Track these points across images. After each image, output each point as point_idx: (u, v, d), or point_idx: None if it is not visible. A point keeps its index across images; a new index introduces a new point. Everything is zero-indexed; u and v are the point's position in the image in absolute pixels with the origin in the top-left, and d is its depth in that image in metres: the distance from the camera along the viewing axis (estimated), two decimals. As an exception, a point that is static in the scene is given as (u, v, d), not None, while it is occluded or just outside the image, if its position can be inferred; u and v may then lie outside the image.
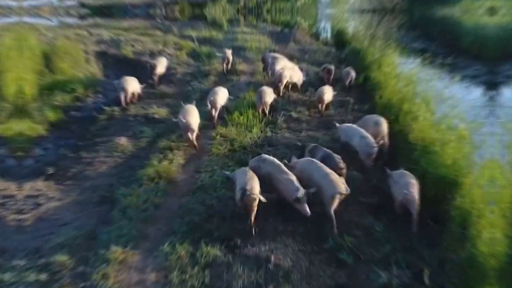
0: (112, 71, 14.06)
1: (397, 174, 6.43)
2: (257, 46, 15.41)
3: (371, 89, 11.47)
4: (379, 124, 7.96)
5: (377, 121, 8.03)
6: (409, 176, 6.32)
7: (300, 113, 9.94)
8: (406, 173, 6.43)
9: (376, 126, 7.96)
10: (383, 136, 7.92)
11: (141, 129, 9.06)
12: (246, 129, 8.85)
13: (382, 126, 7.96)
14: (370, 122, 8.21)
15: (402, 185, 6.08)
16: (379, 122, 8.00)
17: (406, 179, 6.21)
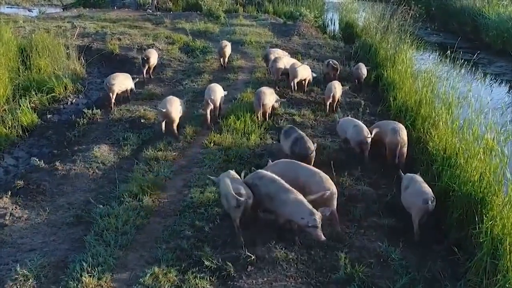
0: (96, 68, 13.68)
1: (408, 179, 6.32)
2: (257, 40, 14.96)
3: (384, 89, 11.06)
4: (397, 132, 7.53)
5: (395, 128, 7.60)
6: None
7: (304, 117, 9.52)
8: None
9: (394, 135, 7.53)
10: (403, 146, 7.49)
11: (125, 136, 8.65)
12: (244, 136, 8.44)
13: (401, 135, 7.53)
14: (386, 130, 7.79)
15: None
16: (398, 129, 7.57)
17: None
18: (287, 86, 11.20)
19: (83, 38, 15.41)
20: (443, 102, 8.49)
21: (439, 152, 7.29)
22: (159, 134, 8.86)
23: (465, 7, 19.03)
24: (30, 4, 24.53)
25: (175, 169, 7.46)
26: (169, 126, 8.52)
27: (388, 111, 9.94)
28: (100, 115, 9.62)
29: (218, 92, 9.08)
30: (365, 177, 7.34)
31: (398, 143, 7.53)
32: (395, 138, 7.54)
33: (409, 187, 6.05)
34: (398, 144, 7.52)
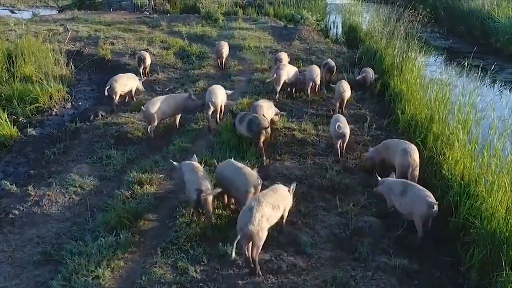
0: (86, 75, 12.88)
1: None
2: (256, 45, 14.10)
3: (391, 100, 10.21)
4: (408, 153, 6.68)
5: (406, 149, 6.76)
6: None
7: (305, 132, 8.67)
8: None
9: (404, 156, 6.68)
10: (414, 168, 6.64)
11: (108, 154, 7.84)
12: (238, 155, 7.60)
13: (413, 156, 6.68)
14: (396, 150, 6.94)
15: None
16: (409, 150, 6.72)
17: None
18: (287, 96, 10.41)
19: (75, 43, 14.61)
20: (458, 118, 7.61)
21: (455, 178, 6.44)
22: (146, 150, 8.08)
23: (473, 10, 18.11)
24: (26, 6, 23.74)
25: (160, 194, 6.64)
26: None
27: (396, 125, 9.09)
28: (85, 129, 8.80)
29: (219, 94, 8.65)
30: (372, 204, 6.51)
31: (410, 165, 6.68)
32: (406, 160, 6.69)
33: (408, 193, 5.75)
34: (409, 167, 6.68)
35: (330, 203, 6.49)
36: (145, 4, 21.18)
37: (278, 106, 9.67)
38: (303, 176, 7.09)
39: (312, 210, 6.34)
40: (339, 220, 6.09)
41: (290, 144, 8.21)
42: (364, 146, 8.21)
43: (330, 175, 7.02)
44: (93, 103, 11.02)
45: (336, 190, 6.73)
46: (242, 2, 21.47)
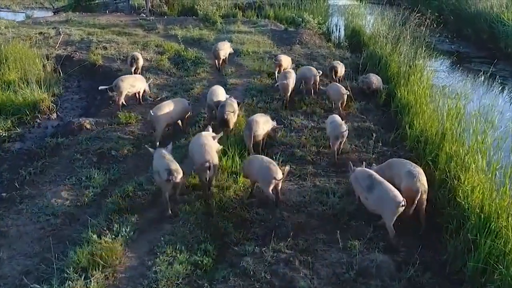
0: (76, 82, 12.13)
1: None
2: (254, 50, 13.30)
3: (397, 112, 9.41)
4: (415, 177, 5.94)
5: (412, 172, 6.01)
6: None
7: (305, 149, 7.90)
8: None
9: (411, 180, 5.92)
10: (423, 193, 5.88)
11: (89, 174, 7.08)
12: (230, 176, 6.85)
13: (421, 180, 5.92)
14: (401, 172, 6.18)
15: None
16: (416, 174, 5.97)
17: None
18: (286, 107, 9.63)
19: (66, 47, 13.84)
20: (475, 137, 6.80)
21: (473, 208, 5.66)
22: (131, 170, 7.33)
23: (481, 12, 17.23)
24: (21, 7, 22.96)
25: (141, 225, 5.87)
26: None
27: (403, 141, 8.30)
28: (66, 145, 8.05)
29: (220, 96, 8.47)
30: (379, 237, 5.73)
31: (419, 190, 5.91)
32: (413, 184, 5.92)
33: (375, 189, 5.69)
34: (418, 192, 5.91)
35: (331, 235, 5.71)
36: (143, 5, 20.40)
37: (276, 119, 8.94)
38: (302, 202, 6.32)
39: (312, 244, 5.58)
40: (342, 257, 5.33)
41: (288, 163, 7.40)
42: (369, 166, 7.41)
43: (331, 202, 6.24)
44: (80, 113, 10.28)
45: (338, 220, 5.96)
46: (242, 4, 20.66)
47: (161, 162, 6.09)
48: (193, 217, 5.88)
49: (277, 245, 5.46)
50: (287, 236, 5.62)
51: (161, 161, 6.12)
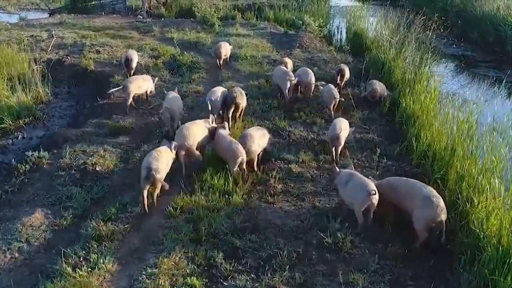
0: (66, 88, 11.57)
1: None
2: (253, 55, 12.69)
3: (402, 122, 8.81)
4: (433, 203, 5.36)
5: (429, 197, 5.45)
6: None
7: (303, 164, 7.31)
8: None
9: (428, 207, 5.36)
10: (440, 223, 5.32)
11: (70, 193, 6.49)
12: (222, 197, 6.26)
13: (440, 207, 5.35)
14: (414, 196, 5.61)
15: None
16: (433, 199, 5.40)
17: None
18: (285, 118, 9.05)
19: (58, 50, 13.26)
20: (489, 156, 6.18)
21: (488, 238, 5.06)
22: (116, 187, 6.75)
23: (486, 14, 16.58)
24: (17, 8, 22.38)
25: (122, 254, 5.29)
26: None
27: (409, 155, 7.70)
28: (48, 160, 7.46)
29: (220, 95, 8.29)
30: (385, 270, 5.13)
31: (442, 222, 5.35)
32: (431, 212, 5.33)
33: (349, 182, 5.74)
34: (442, 224, 5.36)
35: (332, 267, 5.14)
36: (140, 7, 19.78)
37: (274, 130, 8.36)
38: (300, 228, 5.72)
39: (310, 278, 4.99)
40: (344, 294, 4.74)
41: (285, 180, 6.84)
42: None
43: (332, 228, 5.64)
44: (68, 121, 9.71)
45: (340, 249, 5.36)
46: (241, 5, 20.05)
47: (146, 159, 6.17)
48: (179, 246, 5.29)
49: (271, 279, 4.88)
50: (282, 268, 5.03)
51: (146, 158, 6.20)
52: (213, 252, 5.24)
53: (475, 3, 17.44)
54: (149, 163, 5.97)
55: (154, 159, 6.05)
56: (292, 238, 5.52)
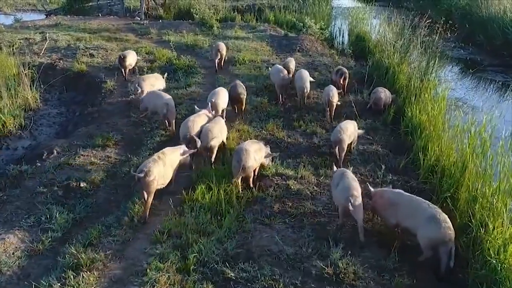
0: (57, 93, 11.08)
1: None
2: (251, 59, 12.14)
3: (408, 133, 8.27)
4: (440, 225, 4.88)
5: (434, 217, 4.96)
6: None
7: (303, 180, 6.76)
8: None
9: (435, 228, 4.84)
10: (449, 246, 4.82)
11: (51, 213, 5.96)
12: (214, 218, 5.73)
13: (448, 226, 4.86)
14: (417, 216, 5.15)
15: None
16: (440, 220, 4.92)
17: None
18: (284, 127, 8.53)
19: (51, 54, 12.79)
20: (505, 176, 5.62)
21: (506, 271, 4.52)
22: (100, 208, 6.22)
23: (493, 17, 16.00)
24: (13, 9, 21.91)
25: (101, 286, 4.75)
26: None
27: (415, 169, 7.16)
28: (30, 174, 6.94)
29: (222, 97, 8.25)
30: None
31: (445, 239, 4.83)
32: (443, 233, 4.83)
33: (339, 184, 5.62)
34: (450, 246, 4.84)
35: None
36: (138, 8, 19.26)
37: (271, 142, 7.83)
38: (298, 256, 5.17)
39: (308, 315, 4.45)
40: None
41: (282, 199, 6.30)
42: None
43: (333, 256, 5.09)
44: (56, 130, 9.21)
45: (342, 280, 4.82)
46: (241, 7, 19.53)
47: (144, 161, 6.04)
48: (164, 277, 4.75)
49: (265, 317, 4.35)
50: (278, 304, 4.51)
51: (145, 161, 6.08)
52: (202, 284, 4.71)
53: (481, 5, 16.83)
54: (143, 166, 5.83)
55: (152, 162, 5.86)
56: (289, 267, 4.98)
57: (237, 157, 6.23)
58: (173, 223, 5.55)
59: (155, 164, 5.77)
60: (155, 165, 5.75)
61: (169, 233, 5.45)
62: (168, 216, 5.70)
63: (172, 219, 5.65)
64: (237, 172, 6.17)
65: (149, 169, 5.66)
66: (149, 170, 5.64)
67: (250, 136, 8.04)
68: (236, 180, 6.24)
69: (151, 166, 5.70)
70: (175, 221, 5.59)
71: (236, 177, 6.22)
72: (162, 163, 5.89)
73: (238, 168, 6.17)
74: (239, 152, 6.27)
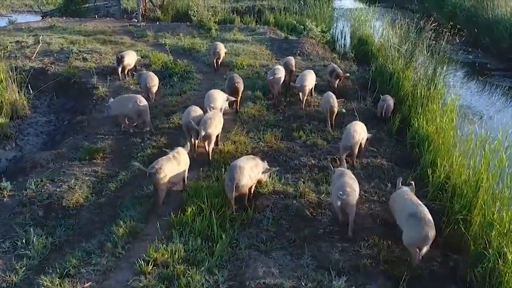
0: (47, 100, 10.56)
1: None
2: (250, 64, 11.59)
3: (414, 145, 7.72)
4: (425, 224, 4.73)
5: (416, 215, 4.85)
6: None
7: (302, 199, 6.20)
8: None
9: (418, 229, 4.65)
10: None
11: (28, 237, 5.43)
12: (205, 244, 5.19)
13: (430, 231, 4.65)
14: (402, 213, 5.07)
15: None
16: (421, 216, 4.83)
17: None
18: (283, 138, 7.99)
19: (43, 58, 12.25)
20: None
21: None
22: (82, 230, 5.69)
23: (499, 19, 15.41)
24: (9, 10, 21.37)
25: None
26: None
27: (423, 186, 6.59)
28: (10, 191, 6.40)
29: (219, 99, 7.98)
30: None
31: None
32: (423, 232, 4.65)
33: (336, 182, 5.62)
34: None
35: None
36: (136, 9, 18.70)
37: (269, 155, 7.29)
38: (297, 289, 4.64)
39: None
40: None
41: (280, 221, 5.76)
42: (385, 225, 5.75)
43: (336, 289, 4.55)
44: (44, 140, 8.70)
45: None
46: (241, 8, 18.97)
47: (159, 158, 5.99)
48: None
49: None
50: None
51: (161, 158, 5.99)
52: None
53: (487, 6, 16.23)
54: (155, 163, 5.83)
55: (165, 160, 5.89)
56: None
57: (230, 175, 5.69)
58: (159, 250, 5.01)
59: (168, 162, 5.79)
60: (167, 163, 5.77)
61: (155, 262, 4.91)
62: (155, 242, 5.16)
63: (158, 245, 5.11)
64: (231, 191, 5.63)
65: (161, 166, 5.66)
66: (160, 168, 5.64)
67: (247, 148, 7.52)
68: (231, 201, 5.70)
69: (163, 164, 5.71)
70: (161, 248, 5.04)
71: (230, 197, 5.68)
72: (176, 162, 5.91)
73: (231, 187, 5.63)
74: (232, 169, 5.72)
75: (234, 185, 5.61)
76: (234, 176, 5.63)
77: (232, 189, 5.61)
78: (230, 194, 5.66)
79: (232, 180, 5.63)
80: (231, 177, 5.65)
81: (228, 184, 5.68)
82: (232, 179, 5.63)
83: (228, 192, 5.68)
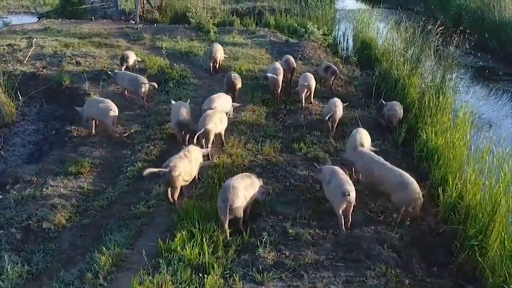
0: (37, 106, 10.05)
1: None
2: (249, 69, 11.04)
3: (422, 159, 7.19)
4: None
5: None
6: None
7: (302, 221, 5.69)
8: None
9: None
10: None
11: (2, 264, 4.93)
12: (196, 274, 4.68)
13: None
14: (391, 181, 5.51)
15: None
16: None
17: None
18: (283, 149, 7.47)
19: (35, 62, 11.73)
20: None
21: None
22: (62, 256, 5.19)
23: (506, 21, 14.83)
24: (5, 12, 20.85)
25: None
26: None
27: (434, 206, 6.08)
28: (-12, 211, 5.91)
29: (220, 103, 7.75)
30: None
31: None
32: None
33: (331, 182, 5.52)
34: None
35: None
36: (133, 10, 18.17)
37: (268, 169, 6.78)
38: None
39: None
40: None
41: (279, 246, 5.24)
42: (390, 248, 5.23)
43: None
44: (30, 151, 8.19)
45: None
46: (241, 9, 18.42)
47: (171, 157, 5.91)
48: None
49: None
50: None
51: (174, 156, 5.92)
52: None
53: (493, 8, 15.65)
54: (169, 161, 5.78)
55: (178, 158, 5.84)
56: None
57: (223, 196, 5.18)
58: (145, 283, 4.50)
59: (181, 161, 5.76)
60: (181, 161, 5.75)
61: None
62: (139, 273, 4.65)
63: (144, 276, 4.59)
64: (224, 214, 5.12)
65: (175, 164, 5.63)
66: (174, 166, 5.61)
67: (244, 162, 7.00)
68: (224, 224, 5.18)
69: (177, 162, 5.69)
70: (147, 280, 4.53)
71: (223, 220, 5.17)
72: (187, 160, 5.86)
73: (224, 209, 5.12)
74: (225, 190, 5.21)
75: (228, 207, 5.10)
76: (228, 197, 5.12)
77: (225, 211, 5.10)
78: (223, 217, 5.15)
79: (225, 202, 5.12)
80: (224, 198, 5.14)
81: (221, 206, 5.17)
82: (226, 201, 5.12)
83: (221, 215, 5.17)
